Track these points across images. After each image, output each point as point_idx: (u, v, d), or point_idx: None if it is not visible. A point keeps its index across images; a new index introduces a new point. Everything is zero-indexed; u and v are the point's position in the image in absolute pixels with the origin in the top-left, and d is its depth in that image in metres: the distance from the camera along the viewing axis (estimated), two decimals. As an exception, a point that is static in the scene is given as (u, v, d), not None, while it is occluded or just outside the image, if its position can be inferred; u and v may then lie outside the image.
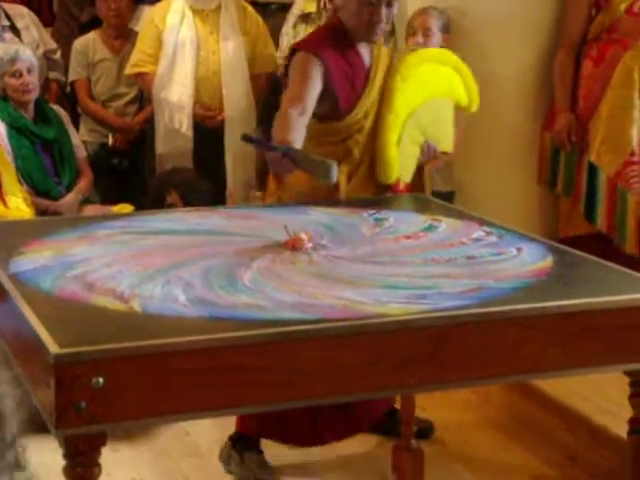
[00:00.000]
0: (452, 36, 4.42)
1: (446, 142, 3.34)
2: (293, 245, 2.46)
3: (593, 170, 4.10)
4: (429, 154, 3.25)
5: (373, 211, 2.84)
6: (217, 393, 1.90)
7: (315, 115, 3.05)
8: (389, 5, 3.08)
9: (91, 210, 4.35)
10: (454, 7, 4.47)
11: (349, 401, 2.68)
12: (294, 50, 3.16)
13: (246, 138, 2.98)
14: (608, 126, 4.00)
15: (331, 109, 3.10)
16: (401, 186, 3.25)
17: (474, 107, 3.36)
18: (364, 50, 3.18)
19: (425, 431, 3.34)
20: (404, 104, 3.17)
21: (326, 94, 3.06)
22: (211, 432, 3.42)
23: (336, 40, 3.12)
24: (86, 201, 4.46)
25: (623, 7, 4.09)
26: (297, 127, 2.91)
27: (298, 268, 2.32)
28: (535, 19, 4.26)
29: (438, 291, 2.15)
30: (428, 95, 3.24)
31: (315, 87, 3.03)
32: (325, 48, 3.09)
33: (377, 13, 3.05)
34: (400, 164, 3.17)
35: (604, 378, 2.94)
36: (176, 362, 1.86)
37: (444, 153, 3.38)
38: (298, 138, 2.86)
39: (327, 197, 3.04)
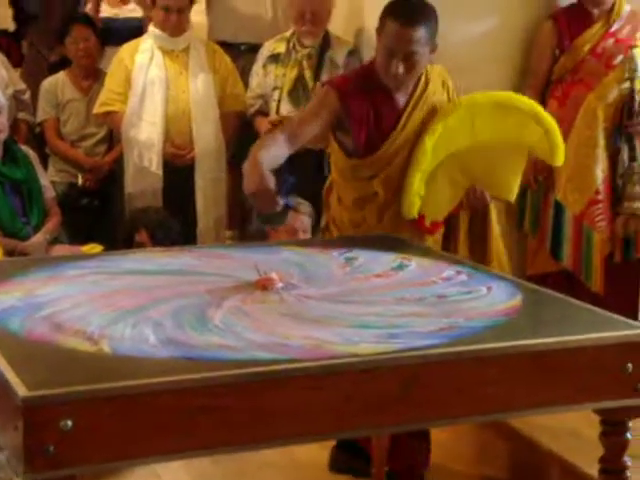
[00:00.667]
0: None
1: (504, 190, 3.24)
2: (264, 285, 2.46)
3: (559, 208, 4.15)
4: (474, 199, 3.23)
5: (343, 250, 2.84)
6: (187, 435, 1.88)
7: (344, 150, 3.18)
8: (408, 58, 3.06)
9: (59, 250, 4.33)
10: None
11: (320, 441, 2.66)
12: (323, 85, 3.28)
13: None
14: (573, 165, 4.04)
15: (352, 146, 3.17)
16: (427, 223, 3.18)
17: (556, 160, 3.16)
18: (399, 95, 3.18)
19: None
20: (443, 144, 3.12)
21: (346, 131, 3.15)
22: (180, 475, 3.38)
23: (365, 80, 3.17)
24: (54, 241, 4.44)
25: (587, 48, 4.16)
26: (273, 148, 2.94)
27: (269, 308, 2.32)
28: (503, 60, 4.31)
29: (409, 330, 2.15)
30: (479, 138, 3.15)
31: (320, 119, 3.08)
32: (349, 86, 3.15)
33: (395, 65, 3.07)
34: (430, 202, 3.13)
35: (575, 416, 2.95)
36: (146, 404, 1.84)
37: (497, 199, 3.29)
38: (266, 158, 2.84)
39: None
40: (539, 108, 3.19)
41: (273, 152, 2.91)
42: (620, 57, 4.14)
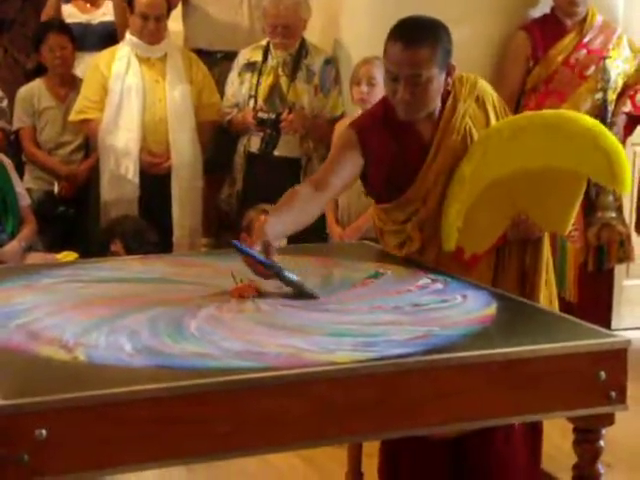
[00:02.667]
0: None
1: (556, 222, 2.88)
2: (240, 293, 2.46)
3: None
4: (521, 231, 2.85)
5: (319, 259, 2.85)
6: (162, 444, 1.88)
7: (371, 196, 2.95)
8: (413, 82, 2.70)
9: (34, 258, 4.31)
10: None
11: (296, 450, 2.65)
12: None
13: (236, 247, 2.58)
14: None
15: (372, 190, 2.92)
16: (466, 256, 2.83)
17: (623, 186, 2.70)
18: (423, 125, 2.82)
19: None
20: (483, 172, 2.78)
21: (365, 174, 2.86)
22: (156, 483, 3.37)
23: (386, 114, 2.83)
24: (30, 249, 4.42)
25: (560, 59, 4.20)
26: (288, 208, 2.69)
27: (245, 316, 2.32)
28: (474, 70, 4.32)
29: (385, 339, 2.15)
30: (525, 165, 2.78)
31: (344, 165, 2.80)
32: (367, 123, 2.87)
33: (400, 91, 2.71)
34: (469, 234, 2.80)
35: (549, 424, 2.96)
36: (121, 413, 1.84)
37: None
38: (274, 226, 2.60)
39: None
40: (597, 128, 2.76)
41: (285, 217, 2.67)
42: (593, 68, 4.18)
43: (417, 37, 2.70)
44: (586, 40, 4.21)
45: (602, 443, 2.23)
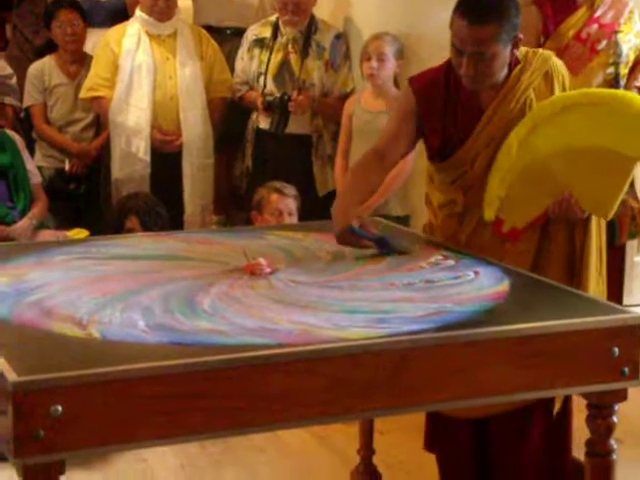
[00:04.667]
0: (406, 62, 4.47)
1: (599, 205, 2.78)
2: (252, 270, 2.46)
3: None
4: (563, 210, 2.77)
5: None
6: (177, 420, 1.89)
7: (427, 152, 2.93)
8: (477, 58, 2.68)
9: (45, 235, 4.33)
10: (408, 33, 4.53)
11: (309, 426, 2.66)
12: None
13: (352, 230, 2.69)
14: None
15: (427, 148, 2.92)
16: (505, 228, 2.79)
17: None
18: (486, 92, 2.80)
19: None
20: (531, 145, 2.73)
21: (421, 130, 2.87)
22: (168, 459, 3.40)
23: (447, 76, 2.83)
24: (41, 226, 4.43)
25: (571, 33, 4.17)
26: (361, 182, 2.79)
27: (257, 293, 2.32)
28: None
29: (397, 315, 2.16)
30: (574, 143, 2.73)
31: (403, 131, 2.85)
32: (426, 81, 2.87)
33: (465, 65, 2.70)
34: (510, 206, 2.76)
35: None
36: (136, 389, 1.85)
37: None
38: (352, 198, 2.73)
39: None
40: None
41: (360, 187, 2.78)
42: (604, 42, 4.15)
43: (482, 14, 2.66)
44: (597, 14, 4.17)
45: (615, 419, 2.23)
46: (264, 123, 4.73)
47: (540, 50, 2.88)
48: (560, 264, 2.83)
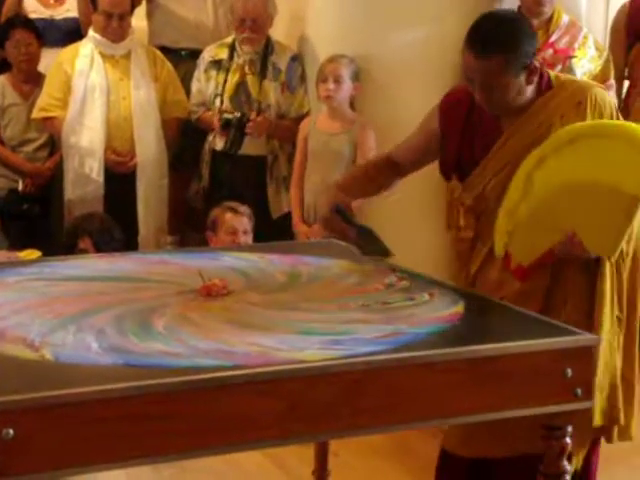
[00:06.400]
0: (362, 84, 4.50)
1: (600, 244, 2.60)
2: (208, 291, 2.45)
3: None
4: (567, 247, 2.61)
5: (287, 257, 2.85)
6: (130, 443, 1.87)
7: (442, 173, 2.89)
8: (487, 88, 2.63)
9: (-3, 256, 4.27)
10: (363, 55, 4.55)
11: (264, 448, 2.63)
12: None
13: (338, 210, 2.69)
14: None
15: (442, 164, 2.88)
16: (512, 265, 2.66)
17: None
18: (508, 116, 2.73)
19: None
20: (540, 177, 2.59)
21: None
22: (121, 481, 3.35)
23: (474, 97, 2.73)
24: (-7, 247, 4.38)
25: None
26: (360, 176, 2.84)
27: (213, 315, 2.31)
28: (445, 70, 4.34)
29: (353, 336, 2.15)
30: (578, 177, 2.58)
31: (425, 139, 2.84)
32: (454, 101, 2.83)
33: (477, 93, 2.67)
34: (517, 241, 2.64)
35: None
36: (89, 412, 1.83)
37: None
38: (350, 178, 2.78)
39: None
40: None
41: (360, 183, 2.81)
42: (559, 67, 4.21)
43: (486, 46, 2.59)
44: (552, 39, 4.24)
45: (568, 440, 2.24)
46: (220, 144, 4.73)
47: (583, 80, 2.80)
48: (575, 305, 2.69)
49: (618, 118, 2.75)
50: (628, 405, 2.69)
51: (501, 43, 2.60)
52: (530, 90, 2.69)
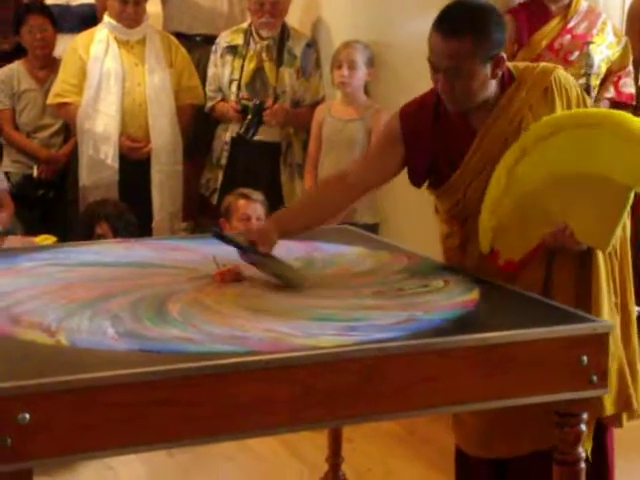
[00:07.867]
0: (376, 70, 4.49)
1: (594, 237, 2.52)
2: (222, 277, 2.45)
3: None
4: (559, 239, 2.54)
5: (302, 243, 2.84)
6: (145, 428, 1.87)
7: (412, 182, 2.76)
8: (453, 74, 2.51)
9: (12, 241, 4.28)
10: (378, 41, 4.54)
11: (279, 434, 2.63)
12: None
13: (217, 236, 2.60)
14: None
15: (411, 176, 2.75)
16: (501, 261, 2.59)
17: None
18: (476, 114, 2.61)
19: None
20: (521, 169, 2.53)
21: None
22: (134, 466, 3.37)
23: (438, 103, 2.65)
24: (7, 233, 4.39)
25: (544, 43, 4.20)
26: (310, 200, 2.77)
27: (227, 300, 2.31)
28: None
29: (368, 323, 2.15)
30: (564, 169, 2.51)
31: (382, 159, 2.69)
32: (414, 107, 2.72)
33: (440, 82, 2.56)
34: (503, 238, 2.57)
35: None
36: (104, 397, 1.83)
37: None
38: (289, 214, 2.69)
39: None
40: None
41: (303, 209, 2.73)
42: (577, 53, 4.18)
43: (458, 27, 2.49)
44: (571, 25, 4.21)
45: (583, 427, 2.24)
46: (234, 131, 4.72)
47: (541, 64, 2.70)
48: (570, 295, 2.60)
49: (584, 98, 2.69)
50: (636, 387, 2.68)
51: (471, 24, 2.51)
52: (494, 85, 2.59)
